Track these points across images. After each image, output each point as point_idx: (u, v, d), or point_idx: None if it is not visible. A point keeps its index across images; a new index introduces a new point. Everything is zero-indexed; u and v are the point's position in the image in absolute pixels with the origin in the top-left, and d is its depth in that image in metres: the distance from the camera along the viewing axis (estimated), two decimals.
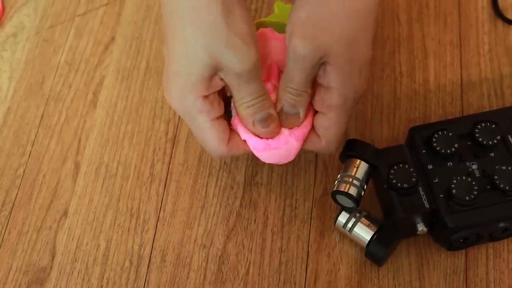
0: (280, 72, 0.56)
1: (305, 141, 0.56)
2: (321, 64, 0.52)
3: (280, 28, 0.60)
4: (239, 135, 0.56)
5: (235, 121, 0.56)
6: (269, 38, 0.58)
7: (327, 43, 0.52)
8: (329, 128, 0.55)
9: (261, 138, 0.55)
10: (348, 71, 0.53)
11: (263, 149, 0.55)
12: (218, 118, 0.54)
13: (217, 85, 0.53)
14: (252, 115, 0.54)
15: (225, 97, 0.56)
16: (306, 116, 0.55)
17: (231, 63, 0.51)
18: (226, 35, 0.51)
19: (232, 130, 0.56)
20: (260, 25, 0.61)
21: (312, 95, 0.55)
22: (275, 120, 0.55)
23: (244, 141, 0.55)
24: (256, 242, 0.60)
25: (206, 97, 0.53)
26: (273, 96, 0.55)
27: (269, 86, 0.55)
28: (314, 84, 0.55)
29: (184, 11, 0.52)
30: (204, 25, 0.51)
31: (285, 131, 0.55)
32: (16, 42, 0.72)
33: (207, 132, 0.54)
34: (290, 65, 0.53)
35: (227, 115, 0.56)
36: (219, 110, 0.54)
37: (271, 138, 0.55)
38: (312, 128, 0.56)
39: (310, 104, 0.55)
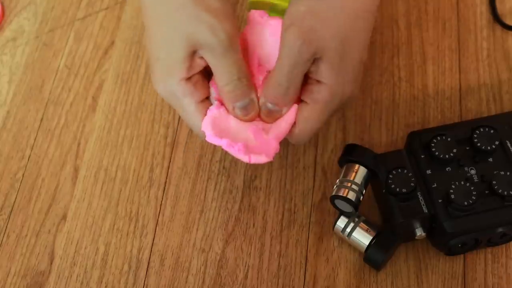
0: (262, 65, 0.56)
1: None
2: (313, 60, 0.52)
3: (277, 9, 0.59)
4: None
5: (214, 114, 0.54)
6: (258, 23, 0.57)
7: (323, 38, 0.51)
8: (308, 120, 0.54)
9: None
10: (340, 69, 0.53)
11: (244, 153, 0.53)
12: (203, 100, 0.54)
13: (198, 65, 0.53)
14: (232, 101, 0.53)
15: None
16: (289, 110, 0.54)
17: (205, 37, 0.51)
18: (196, 12, 0.51)
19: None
20: (254, 4, 0.60)
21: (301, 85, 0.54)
22: (255, 108, 0.54)
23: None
24: (255, 246, 0.61)
25: (188, 79, 0.53)
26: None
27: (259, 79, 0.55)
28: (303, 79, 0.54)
29: None
30: (174, 5, 0.52)
31: (266, 134, 0.54)
32: (16, 46, 0.72)
33: (193, 115, 0.54)
34: (282, 59, 0.52)
35: None
36: (204, 92, 0.54)
37: (249, 121, 0.54)
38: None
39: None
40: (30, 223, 0.63)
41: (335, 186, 0.57)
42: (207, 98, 0.55)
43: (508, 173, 0.55)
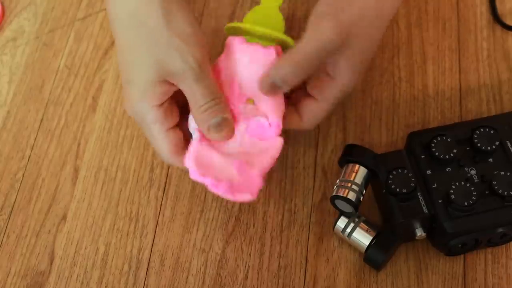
0: (243, 93, 0.56)
1: (284, 120, 0.56)
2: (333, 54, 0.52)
3: (255, 35, 0.58)
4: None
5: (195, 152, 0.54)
6: (236, 51, 0.57)
7: (356, 35, 0.51)
8: (316, 114, 0.56)
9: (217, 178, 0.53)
10: (357, 69, 0.54)
11: (228, 192, 0.53)
12: (172, 128, 0.54)
13: (169, 90, 0.53)
14: (206, 121, 0.53)
15: (182, 107, 0.56)
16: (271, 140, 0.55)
17: (175, 64, 0.51)
18: (167, 38, 0.51)
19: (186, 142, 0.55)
20: (231, 30, 0.59)
21: (311, 79, 0.55)
22: (230, 125, 0.54)
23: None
24: (255, 246, 0.60)
25: (160, 105, 0.53)
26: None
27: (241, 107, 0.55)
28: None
29: (124, 17, 0.52)
30: (145, 30, 0.52)
31: (251, 172, 0.54)
32: (16, 46, 0.72)
33: (161, 142, 0.54)
34: (308, 42, 0.52)
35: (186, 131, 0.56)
36: (173, 119, 0.54)
37: (223, 142, 0.54)
38: (293, 106, 0.56)
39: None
40: (30, 223, 0.63)
41: (335, 186, 0.57)
42: (176, 125, 0.55)
43: (508, 174, 0.55)
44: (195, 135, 0.55)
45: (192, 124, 0.55)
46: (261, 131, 0.55)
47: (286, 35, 0.58)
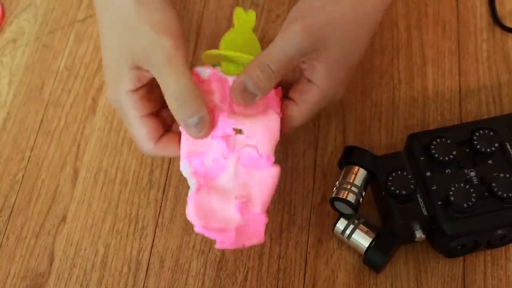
0: (226, 123, 0.53)
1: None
2: (309, 58, 0.52)
3: (234, 60, 0.55)
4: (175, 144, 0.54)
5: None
6: (205, 91, 0.54)
7: (328, 40, 0.51)
8: (296, 118, 0.54)
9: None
10: (336, 73, 0.53)
11: (236, 245, 0.51)
12: (149, 115, 0.53)
13: (143, 77, 0.52)
14: (183, 119, 0.51)
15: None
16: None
17: (145, 52, 0.50)
18: (137, 24, 0.51)
19: (165, 131, 0.54)
20: (210, 58, 0.56)
21: (292, 83, 0.54)
22: (207, 123, 0.51)
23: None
24: (255, 248, 0.60)
25: (135, 91, 0.52)
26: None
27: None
28: (295, 74, 0.54)
29: (102, 2, 0.53)
30: (118, 16, 0.52)
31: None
32: (16, 47, 0.72)
33: (136, 128, 0.53)
34: (277, 46, 0.51)
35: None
36: (150, 106, 0.53)
37: (203, 138, 0.52)
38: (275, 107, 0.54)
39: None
40: (30, 224, 0.63)
41: (334, 188, 0.57)
42: (155, 113, 0.54)
43: (507, 175, 0.55)
44: (192, 186, 0.52)
45: (185, 171, 0.53)
46: (253, 162, 0.53)
47: None
